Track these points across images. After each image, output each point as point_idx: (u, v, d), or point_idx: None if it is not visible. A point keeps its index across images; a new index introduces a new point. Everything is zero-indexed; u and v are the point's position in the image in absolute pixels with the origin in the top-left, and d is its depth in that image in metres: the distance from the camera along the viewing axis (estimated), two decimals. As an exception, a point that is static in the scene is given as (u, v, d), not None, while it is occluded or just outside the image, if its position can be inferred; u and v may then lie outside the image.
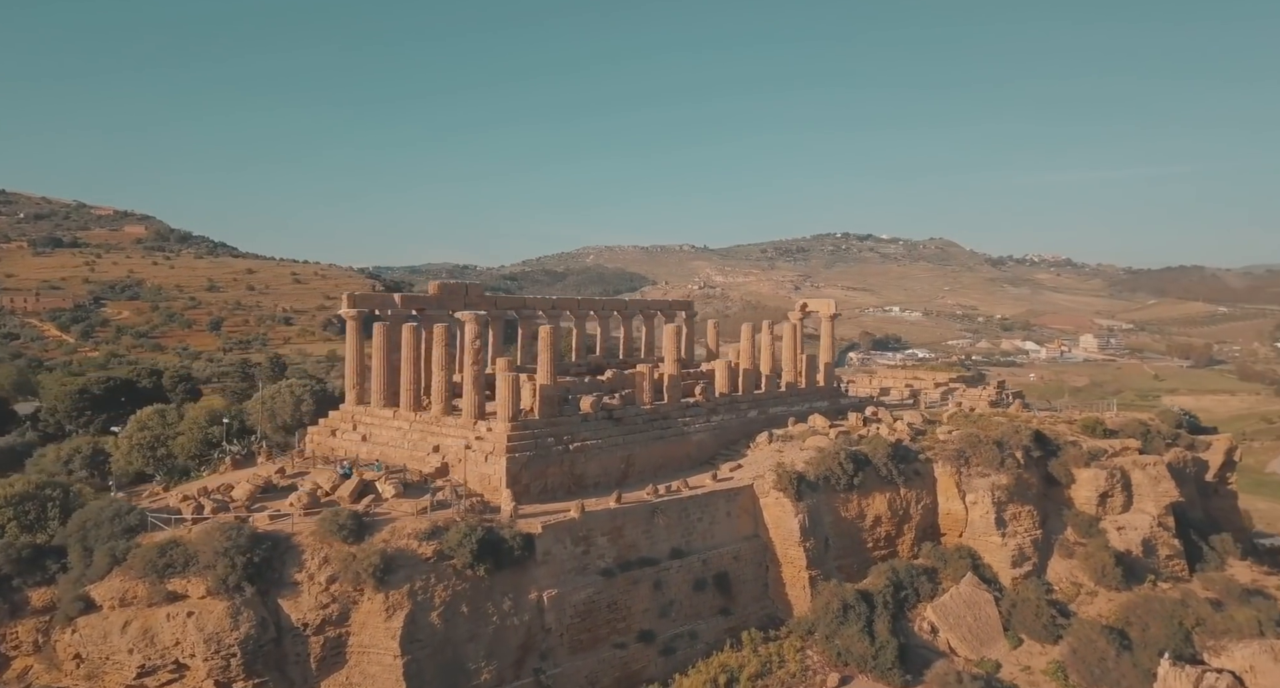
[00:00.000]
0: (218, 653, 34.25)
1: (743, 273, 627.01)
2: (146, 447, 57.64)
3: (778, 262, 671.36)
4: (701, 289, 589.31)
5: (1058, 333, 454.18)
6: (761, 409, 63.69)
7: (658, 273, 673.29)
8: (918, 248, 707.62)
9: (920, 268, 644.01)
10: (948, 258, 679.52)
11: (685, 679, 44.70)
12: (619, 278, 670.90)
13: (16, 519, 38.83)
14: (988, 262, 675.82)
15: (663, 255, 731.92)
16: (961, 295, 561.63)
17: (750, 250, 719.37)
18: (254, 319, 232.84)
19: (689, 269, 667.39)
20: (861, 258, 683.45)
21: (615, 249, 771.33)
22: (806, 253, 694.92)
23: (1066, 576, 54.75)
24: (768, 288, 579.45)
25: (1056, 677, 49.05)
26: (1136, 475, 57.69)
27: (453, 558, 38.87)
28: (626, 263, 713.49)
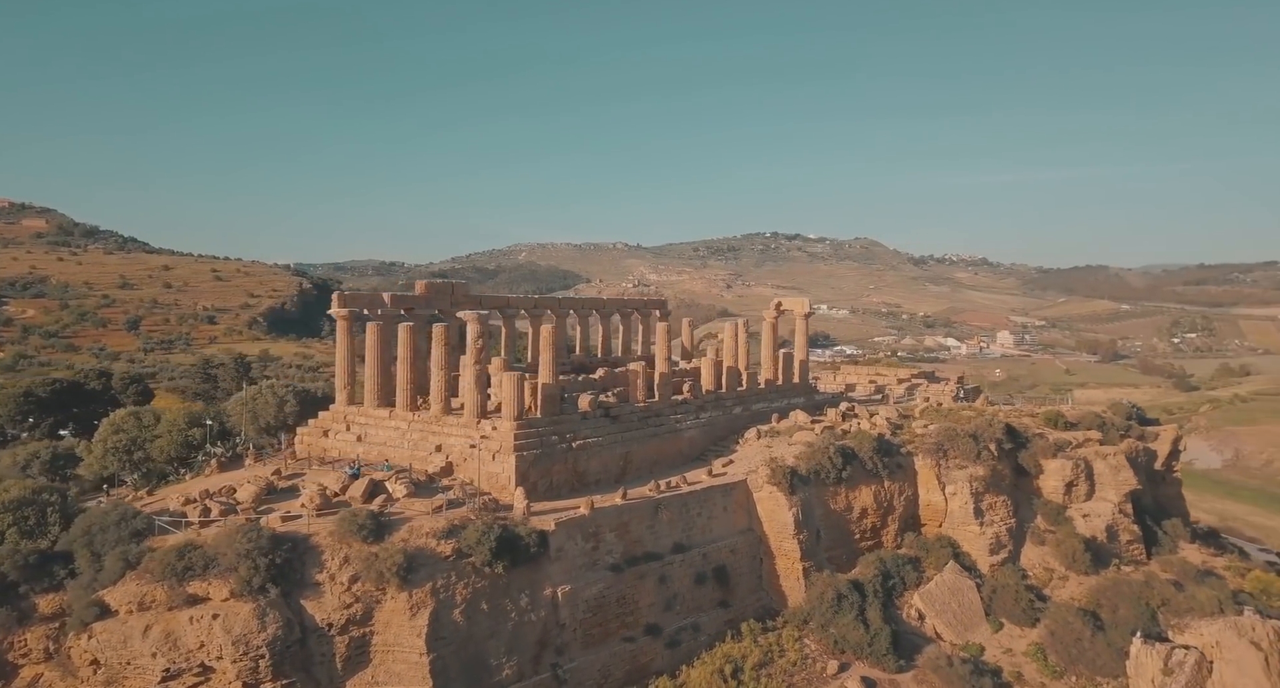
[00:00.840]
0: (246, 655, 33.99)
1: (676, 271, 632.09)
2: (122, 450, 55.71)
3: (709, 260, 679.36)
4: (636, 287, 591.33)
5: (976, 330, 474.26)
6: (745, 406, 65.00)
7: (591, 271, 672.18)
8: (843, 247, 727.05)
9: (846, 267, 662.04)
10: (872, 257, 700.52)
11: (693, 671, 45.79)
12: (552, 276, 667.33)
13: (16, 525, 37.65)
14: (910, 261, 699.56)
15: (596, 253, 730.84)
16: (886, 294, 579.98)
17: (683, 249, 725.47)
18: (175, 318, 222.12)
19: (623, 267, 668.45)
20: (790, 257, 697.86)
21: (548, 247, 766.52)
22: (737, 252, 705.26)
23: (1039, 561, 57.83)
24: (700, 286, 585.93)
25: (1036, 658, 51.80)
26: (1098, 465, 61.35)
27: (471, 556, 39.14)
28: (559, 261, 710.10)
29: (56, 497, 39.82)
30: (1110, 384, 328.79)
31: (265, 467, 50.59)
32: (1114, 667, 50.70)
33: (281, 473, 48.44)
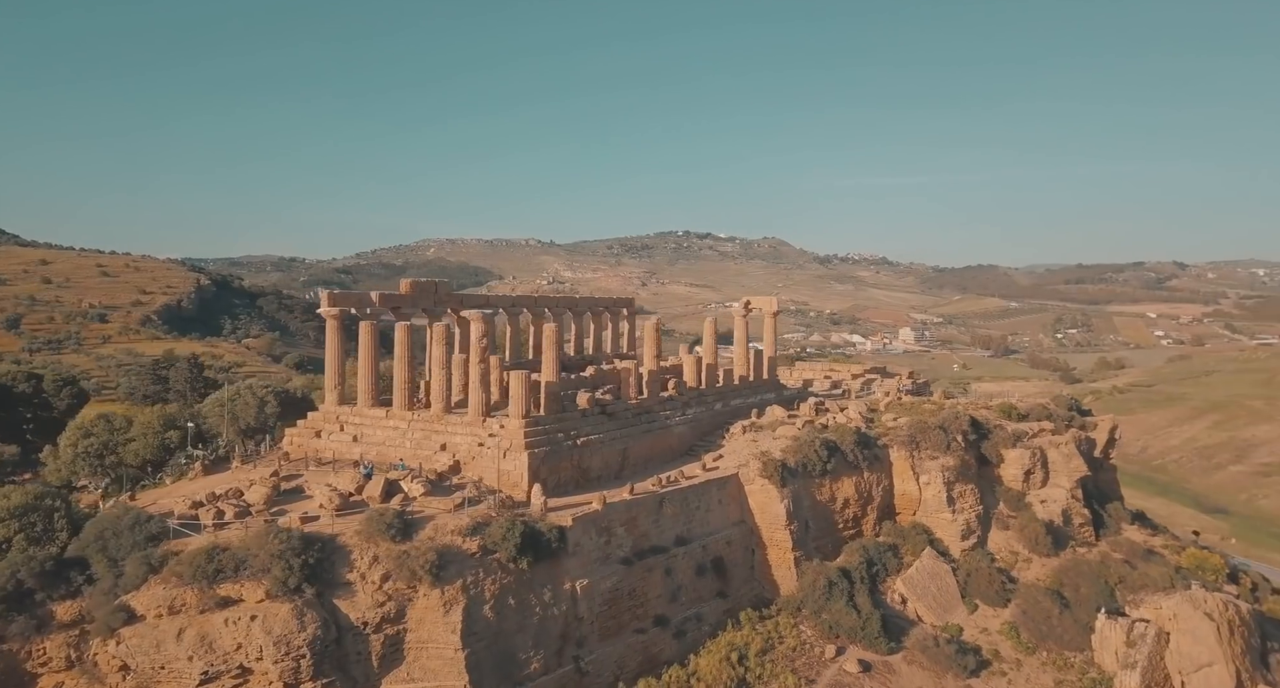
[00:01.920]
0: (288, 655, 33.81)
1: (590, 268, 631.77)
2: (93, 455, 54.00)
3: (623, 258, 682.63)
4: (550, 284, 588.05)
5: (879, 326, 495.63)
6: (724, 401, 66.45)
7: (503, 267, 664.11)
8: (752, 246, 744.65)
9: (755, 265, 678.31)
10: (780, 256, 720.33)
11: (701, 660, 47.15)
12: (462, 272, 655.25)
13: (23, 531, 36.48)
14: (815, 260, 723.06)
15: (508, 249, 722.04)
16: (794, 291, 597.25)
17: (596, 246, 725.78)
18: (60, 316, 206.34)
19: (536, 264, 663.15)
20: (701, 255, 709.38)
21: (457, 242, 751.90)
22: (651, 250, 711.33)
23: (1005, 545, 61.56)
24: (615, 283, 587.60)
25: (1010, 636, 55.21)
26: (1052, 454, 65.74)
27: (496, 552, 39.58)
28: (470, 257, 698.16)
29: (60, 502, 38.66)
30: (1003, 378, 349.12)
31: (257, 469, 49.36)
32: (1080, 641, 54.64)
33: (279, 475, 47.40)
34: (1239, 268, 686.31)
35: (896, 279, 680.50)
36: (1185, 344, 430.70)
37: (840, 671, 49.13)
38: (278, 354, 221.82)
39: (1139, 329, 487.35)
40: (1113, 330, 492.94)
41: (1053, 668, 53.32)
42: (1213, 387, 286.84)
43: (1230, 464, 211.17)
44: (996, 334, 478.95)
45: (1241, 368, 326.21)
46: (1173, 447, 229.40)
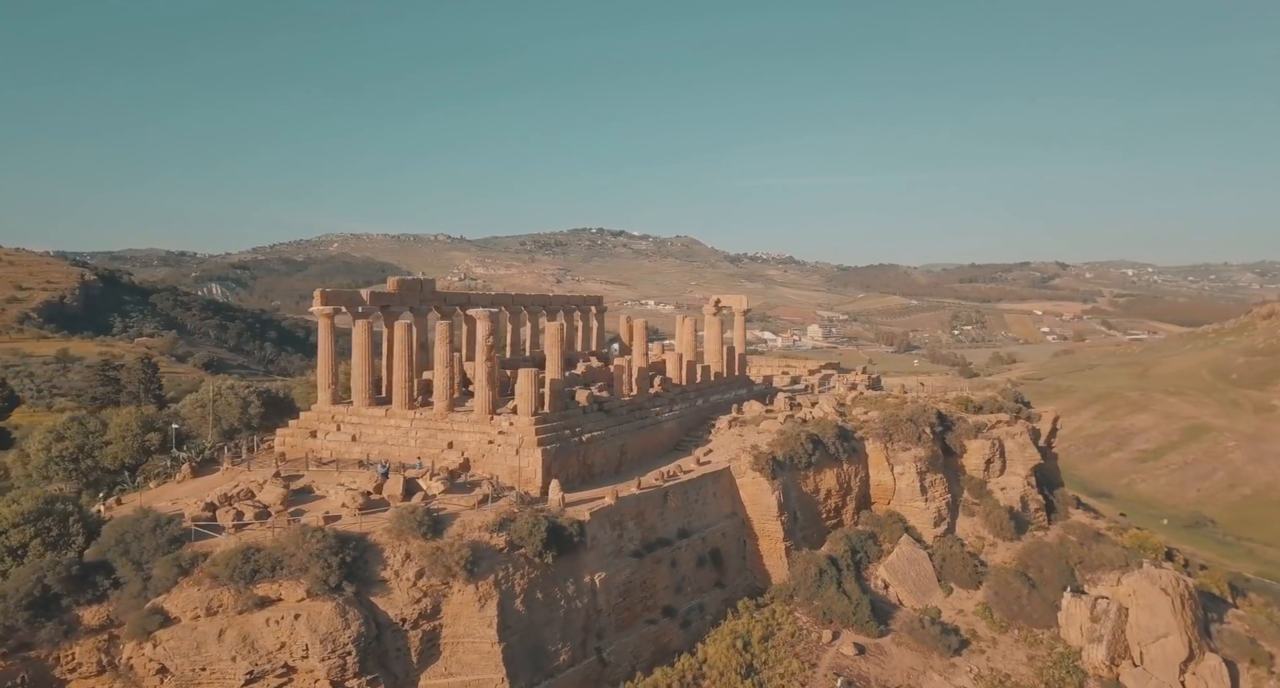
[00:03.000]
0: (334, 653, 33.82)
1: (503, 265, 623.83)
2: (69, 459, 52.11)
3: (537, 254, 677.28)
4: (462, 281, 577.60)
5: (789, 323, 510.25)
6: (705, 397, 67.73)
7: (412, 263, 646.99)
8: (665, 245, 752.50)
9: (669, 264, 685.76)
10: (692, 255, 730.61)
11: (708, 648, 48.74)
12: (368, 268, 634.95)
13: (39, 536, 35.70)
14: (726, 258, 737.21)
15: (416, 245, 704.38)
16: (706, 289, 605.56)
17: (509, 242, 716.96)
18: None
19: (446, 260, 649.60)
20: (616, 253, 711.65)
21: (363, 238, 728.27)
22: (565, 247, 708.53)
23: (972, 531, 65.09)
24: (529, 280, 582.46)
25: (985, 616, 58.55)
26: (1009, 444, 69.88)
27: (522, 547, 40.12)
28: (375, 252, 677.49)
29: (74, 506, 37.90)
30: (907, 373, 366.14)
31: (251, 471, 48.32)
32: (1048, 619, 58.49)
33: (281, 475, 46.40)
34: (1112, 268, 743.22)
35: (804, 278, 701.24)
36: (1068, 340, 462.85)
37: (837, 654, 51.16)
38: (180, 354, 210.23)
39: (1027, 326, 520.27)
40: (1004, 327, 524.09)
41: (1025, 645, 56.87)
42: (1095, 380, 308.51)
43: (1112, 452, 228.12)
44: (898, 331, 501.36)
45: (1119, 362, 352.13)
46: (1062, 436, 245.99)
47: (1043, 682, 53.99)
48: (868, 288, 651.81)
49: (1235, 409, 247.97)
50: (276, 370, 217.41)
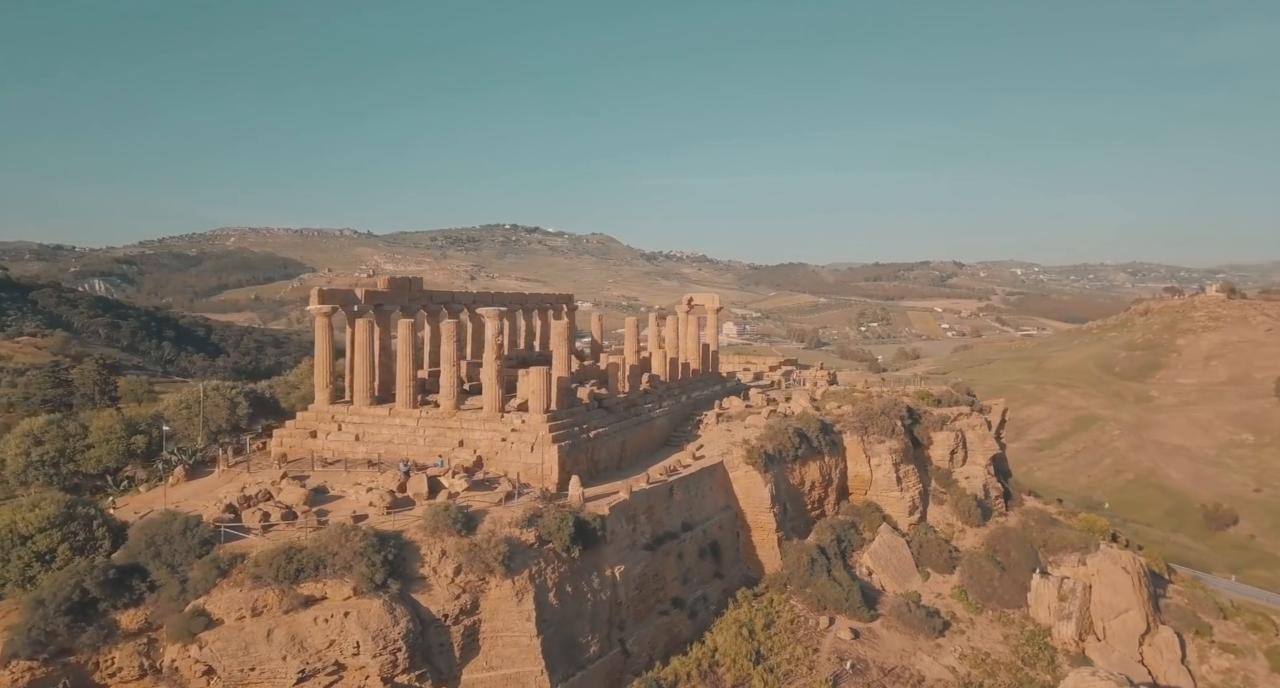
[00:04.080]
0: (385, 649, 34.06)
1: (414, 261, 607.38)
2: (49, 463, 50.22)
3: (449, 250, 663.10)
4: (371, 277, 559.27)
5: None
6: (687, 394, 68.75)
7: (316, 259, 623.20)
8: (582, 242, 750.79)
9: (585, 261, 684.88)
10: (608, 253, 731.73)
11: (716, 636, 50.32)
12: (270, 264, 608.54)
13: (65, 540, 35.12)
14: (643, 257, 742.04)
15: (321, 240, 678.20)
16: (623, 287, 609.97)
17: (419, 238, 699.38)
18: None
19: (353, 256, 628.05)
20: (531, 250, 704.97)
21: (263, 232, 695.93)
22: (478, 243, 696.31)
23: (942, 519, 68.24)
24: (443, 277, 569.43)
25: (961, 598, 61.61)
26: (970, 435, 73.52)
27: (550, 542, 40.83)
28: (278, 247, 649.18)
29: (96, 510, 37.42)
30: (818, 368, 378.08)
31: (251, 473, 47.62)
32: (1018, 599, 62.05)
33: (290, 476, 45.86)
34: (1003, 268, 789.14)
35: (717, 276, 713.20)
36: (967, 336, 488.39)
37: (835, 639, 53.18)
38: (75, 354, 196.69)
39: (929, 322, 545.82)
40: (907, 323, 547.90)
41: (999, 625, 60.21)
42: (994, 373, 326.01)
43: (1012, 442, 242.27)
44: (809, 328, 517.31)
45: (1014, 357, 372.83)
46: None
47: (1019, 659, 57.31)
48: (779, 286, 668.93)
49: (1119, 400, 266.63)
50: (176, 372, 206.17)
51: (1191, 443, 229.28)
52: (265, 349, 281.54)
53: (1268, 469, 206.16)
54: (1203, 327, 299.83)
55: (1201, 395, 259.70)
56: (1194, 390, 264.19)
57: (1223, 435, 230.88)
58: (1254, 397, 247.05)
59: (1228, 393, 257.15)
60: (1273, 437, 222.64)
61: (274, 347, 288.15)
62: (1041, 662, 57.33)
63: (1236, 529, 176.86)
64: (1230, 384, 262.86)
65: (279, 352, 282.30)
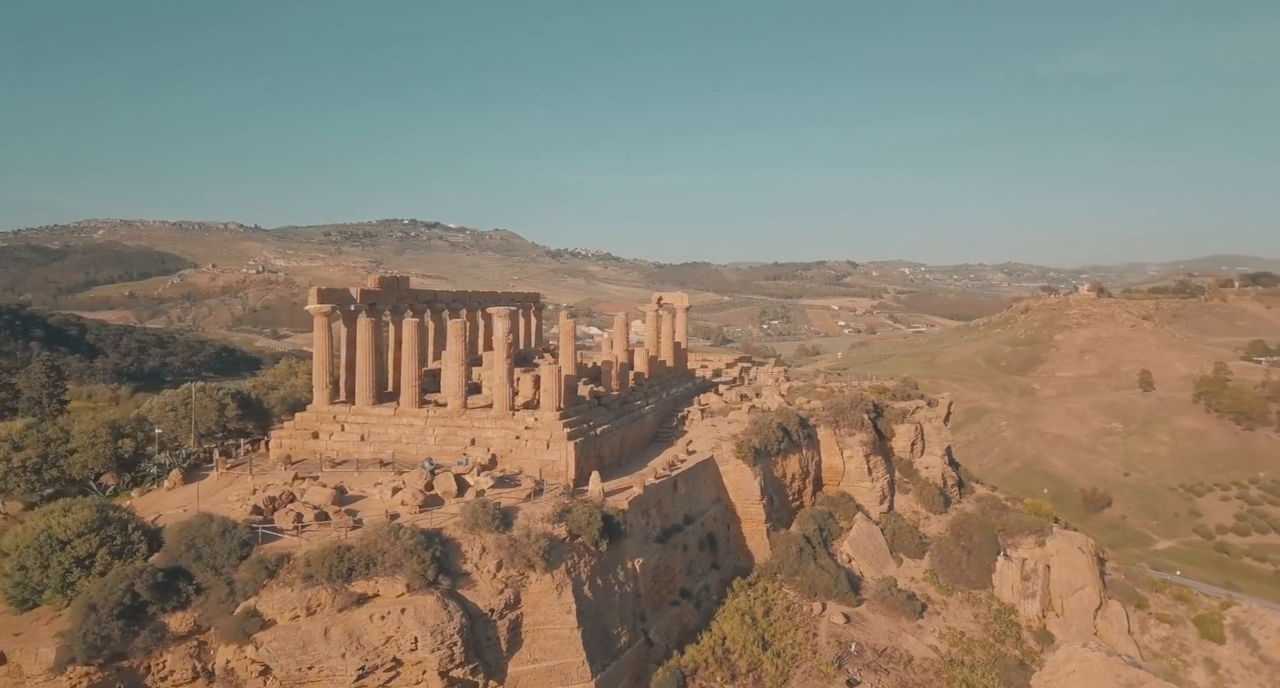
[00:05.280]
0: (442, 644, 34.42)
1: (307, 257, 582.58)
2: (31, 469, 48.10)
3: (344, 246, 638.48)
4: (260, 273, 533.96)
5: (613, 318, 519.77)
6: (668, 391, 69.87)
7: (198, 254, 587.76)
8: (484, 238, 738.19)
9: (488, 258, 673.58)
10: (512, 249, 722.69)
11: (723, 625, 52.20)
12: (145, 259, 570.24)
13: (104, 545, 34.74)
14: (548, 254, 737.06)
15: (203, 234, 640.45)
16: (529, 284, 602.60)
17: (312, 233, 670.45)
18: None
19: (239, 251, 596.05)
20: (431, 245, 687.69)
21: (136, 224, 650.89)
22: (375, 238, 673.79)
23: (908, 507, 71.67)
24: (338, 273, 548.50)
25: (933, 581, 65.01)
26: (927, 427, 77.41)
27: (580, 536, 41.71)
28: (154, 241, 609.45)
29: (128, 514, 37.16)
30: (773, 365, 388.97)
31: (253, 476, 46.80)
32: (984, 580, 65.98)
33: (300, 477, 45.32)
34: (893, 268, 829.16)
35: (623, 274, 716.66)
36: (862, 333, 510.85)
37: (830, 623, 55.51)
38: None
39: (826, 320, 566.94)
40: (806, 321, 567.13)
41: (969, 605, 63.90)
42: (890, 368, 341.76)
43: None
44: (714, 325, 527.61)
45: (908, 353, 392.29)
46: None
47: (990, 636, 61.08)
48: (683, 284, 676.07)
49: (1005, 393, 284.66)
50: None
51: (1069, 432, 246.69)
52: (149, 350, 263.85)
53: (1134, 455, 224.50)
54: (1076, 323, 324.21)
55: (1076, 388, 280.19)
56: (1070, 383, 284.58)
57: (1096, 424, 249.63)
58: (1121, 388, 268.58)
59: (1099, 385, 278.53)
60: (1138, 425, 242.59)
61: (158, 347, 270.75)
62: (1010, 638, 61.29)
63: (1110, 511, 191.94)
64: (1101, 377, 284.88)
65: (164, 352, 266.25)
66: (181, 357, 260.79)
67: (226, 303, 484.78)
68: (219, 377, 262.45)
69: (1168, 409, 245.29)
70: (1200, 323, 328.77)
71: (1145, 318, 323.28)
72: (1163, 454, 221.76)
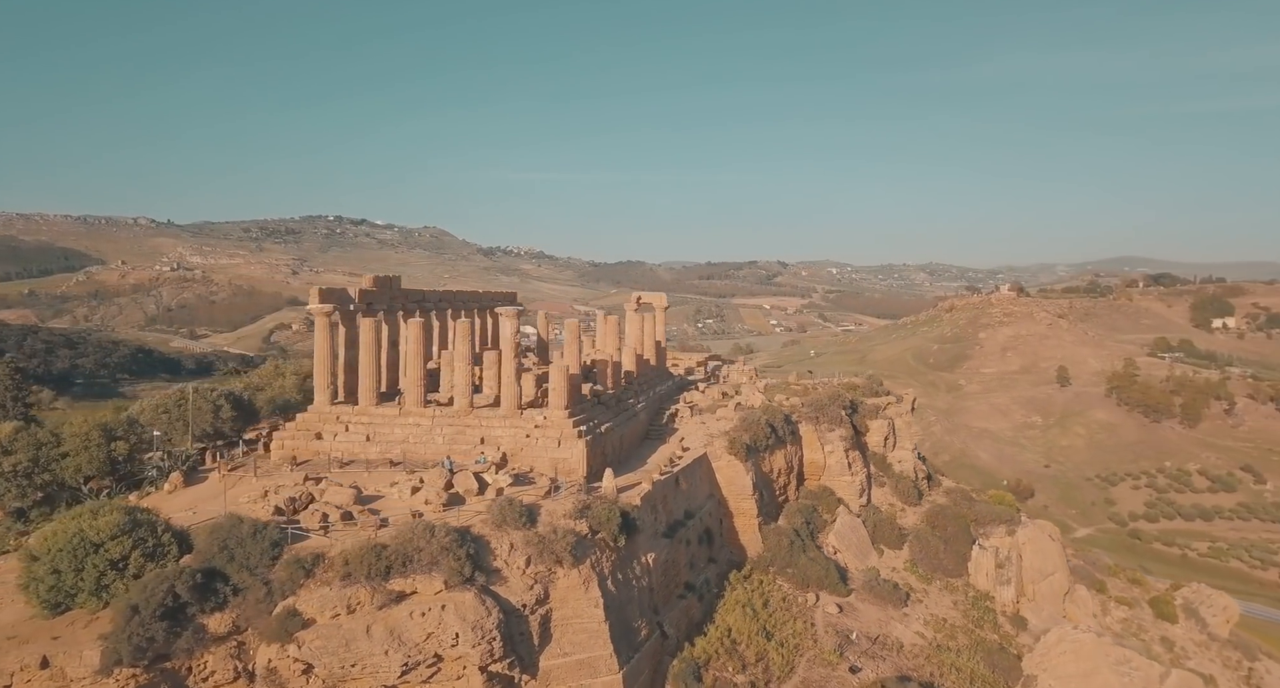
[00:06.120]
0: (483, 639, 34.83)
1: (226, 254, 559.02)
2: (22, 474, 46.87)
3: (265, 243, 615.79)
4: (175, 271, 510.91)
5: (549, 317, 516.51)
6: (653, 389, 70.34)
7: (105, 250, 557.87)
8: (413, 235, 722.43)
9: (418, 255, 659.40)
10: (443, 247, 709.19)
11: (727, 616, 53.09)
12: (46, 255, 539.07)
13: (137, 547, 34.50)
14: (480, 251, 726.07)
15: (110, 229, 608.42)
16: (461, 283, 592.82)
17: (230, 229, 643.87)
18: None
19: (151, 247, 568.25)
20: (358, 243, 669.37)
21: (35, 218, 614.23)
22: (299, 235, 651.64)
23: (885, 500, 73.80)
24: (260, 271, 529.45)
25: (913, 571, 67.17)
26: (898, 422, 79.88)
27: (600, 532, 42.46)
28: (55, 236, 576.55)
29: (155, 517, 36.74)
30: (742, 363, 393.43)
31: (259, 477, 46.33)
32: (960, 569, 68.50)
33: (310, 478, 45.07)
34: (821, 268, 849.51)
35: (557, 272, 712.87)
36: (793, 331, 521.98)
37: (825, 613, 57.02)
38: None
39: (759, 318, 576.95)
40: (739, 320, 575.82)
41: (947, 592, 66.28)
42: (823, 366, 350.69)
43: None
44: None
45: (839, 351, 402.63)
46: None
47: (969, 622, 63.51)
48: (618, 283, 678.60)
49: (934, 389, 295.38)
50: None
51: (994, 426, 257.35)
52: (57, 351, 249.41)
53: (1053, 447, 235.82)
54: (999, 322, 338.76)
55: (1000, 383, 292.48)
56: (994, 379, 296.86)
57: (1018, 419, 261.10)
58: (1040, 384, 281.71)
59: (1020, 381, 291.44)
60: (1056, 419, 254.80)
61: (67, 348, 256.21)
62: (987, 623, 63.87)
63: (1033, 501, 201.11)
64: (1022, 373, 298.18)
65: (74, 353, 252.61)
66: (94, 358, 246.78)
67: (138, 302, 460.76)
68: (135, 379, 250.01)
69: (1083, 403, 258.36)
70: (1109, 321, 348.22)
71: (1061, 316, 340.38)
72: (1079, 446, 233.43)
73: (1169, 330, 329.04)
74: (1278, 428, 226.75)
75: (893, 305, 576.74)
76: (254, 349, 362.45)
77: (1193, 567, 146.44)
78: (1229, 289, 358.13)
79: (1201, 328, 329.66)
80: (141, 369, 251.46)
